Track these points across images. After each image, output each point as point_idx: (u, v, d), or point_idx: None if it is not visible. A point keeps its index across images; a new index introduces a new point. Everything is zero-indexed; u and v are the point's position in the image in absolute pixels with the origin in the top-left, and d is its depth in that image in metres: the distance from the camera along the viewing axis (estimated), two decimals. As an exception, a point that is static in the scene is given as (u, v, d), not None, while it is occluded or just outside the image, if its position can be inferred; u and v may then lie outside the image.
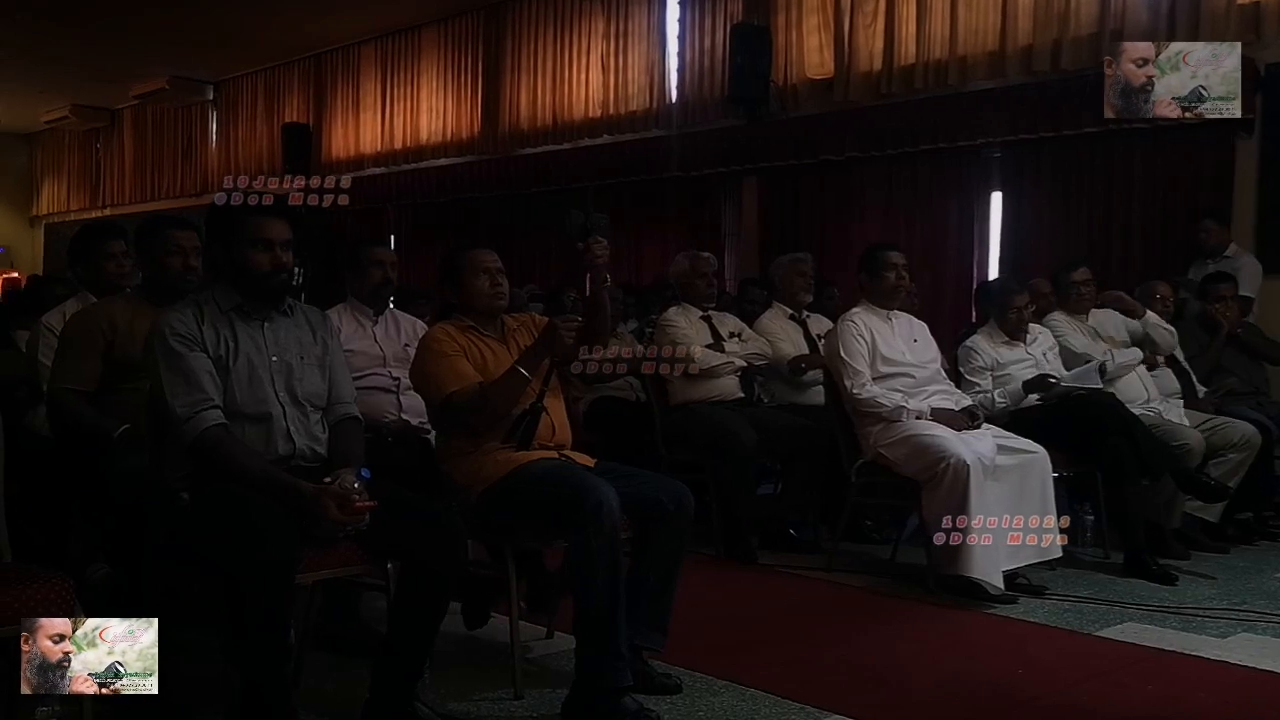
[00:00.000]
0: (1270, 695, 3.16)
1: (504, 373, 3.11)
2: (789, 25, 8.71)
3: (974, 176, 7.98)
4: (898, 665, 3.40)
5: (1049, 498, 4.27)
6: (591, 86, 10.16)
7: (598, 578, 2.84)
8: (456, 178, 11.20)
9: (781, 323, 5.51)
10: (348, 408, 2.95)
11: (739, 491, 4.82)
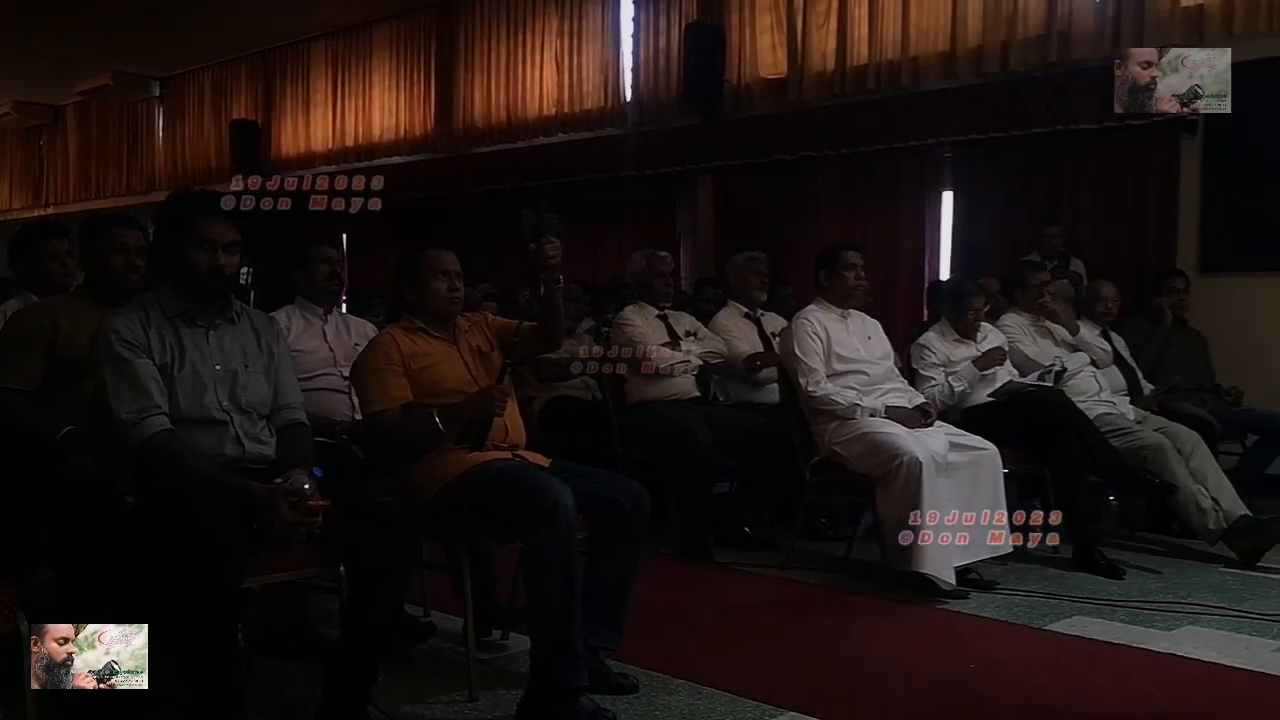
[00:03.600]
0: (1214, 687, 3.22)
1: (422, 417, 3.06)
2: (742, 25, 8.74)
3: (926, 176, 8.06)
4: (852, 661, 3.42)
5: (1000, 494, 4.32)
6: (546, 85, 10.14)
7: (553, 578, 2.83)
8: (409, 176, 11.10)
9: (737, 321, 5.53)
10: (295, 412, 2.93)
11: (695, 490, 4.82)
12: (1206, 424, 5.21)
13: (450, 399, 3.12)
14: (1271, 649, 3.51)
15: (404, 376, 3.15)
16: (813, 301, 4.69)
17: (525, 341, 3.33)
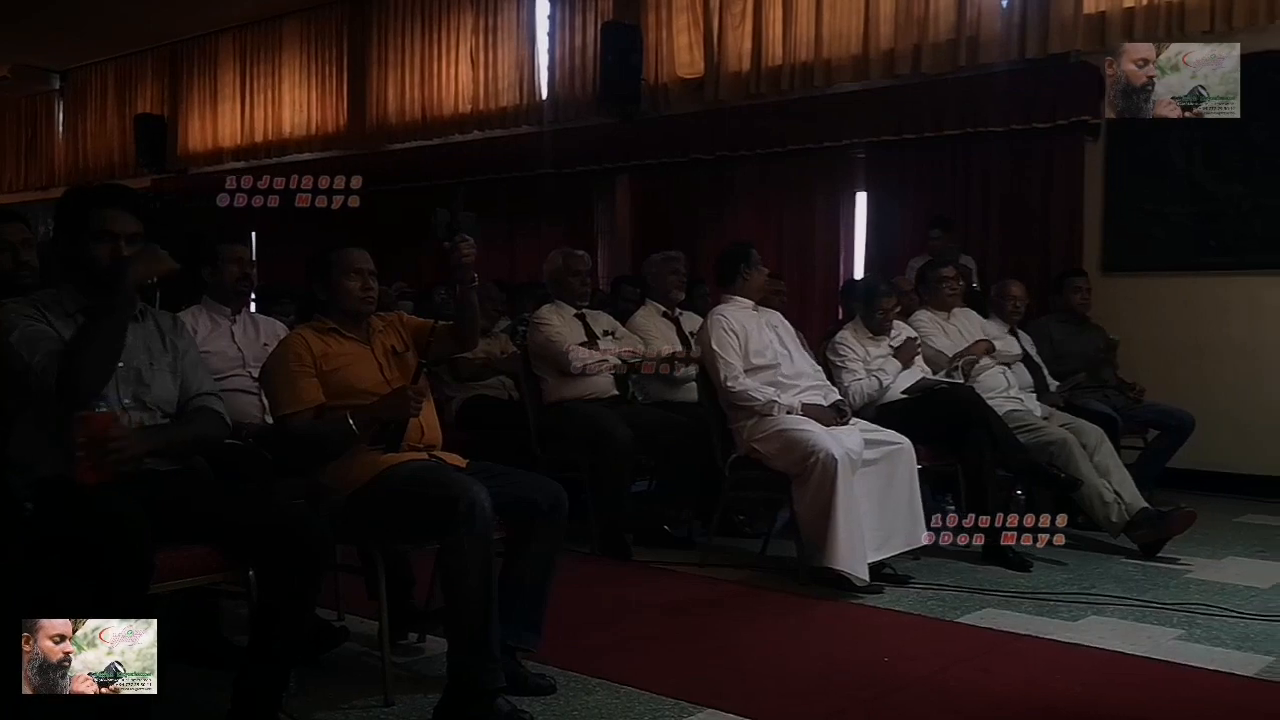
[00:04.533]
0: (1117, 674, 3.31)
1: (335, 418, 3.02)
2: (659, 24, 8.77)
3: (840, 176, 8.17)
4: (769, 657, 3.45)
5: (914, 489, 4.40)
6: (461, 82, 10.06)
7: (470, 579, 2.80)
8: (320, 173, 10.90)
9: (655, 320, 5.54)
10: (205, 399, 2.88)
11: (614, 489, 4.82)
12: (1110, 420, 5.36)
13: (364, 400, 3.07)
14: (1171, 637, 3.62)
15: (315, 378, 3.09)
16: (721, 300, 4.71)
17: (441, 341, 3.29)
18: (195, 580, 2.70)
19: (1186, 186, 6.61)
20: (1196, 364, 6.47)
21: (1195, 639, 3.60)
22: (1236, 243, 6.46)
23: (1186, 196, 6.61)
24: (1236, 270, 6.49)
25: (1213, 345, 6.51)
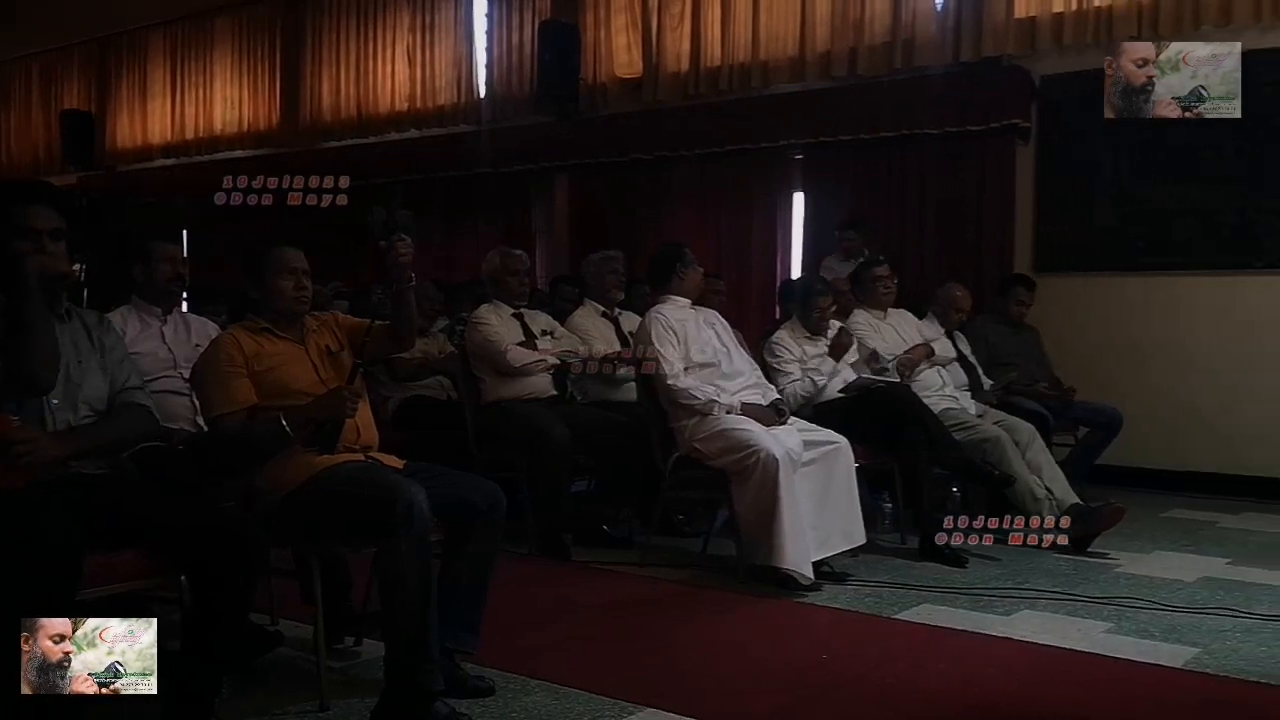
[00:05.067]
0: (1049, 667, 3.36)
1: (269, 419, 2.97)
2: (597, 24, 8.76)
3: (777, 177, 8.23)
4: (708, 656, 3.46)
5: (852, 488, 4.44)
6: (397, 79, 9.97)
7: (407, 581, 2.77)
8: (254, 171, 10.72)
9: (594, 320, 5.53)
10: (132, 394, 2.85)
11: (552, 489, 4.80)
12: (1041, 417, 5.47)
13: (298, 401, 3.02)
14: (1101, 630, 3.69)
15: (248, 378, 3.04)
16: (659, 300, 4.72)
17: (377, 341, 3.25)
18: (127, 585, 2.64)
19: (1114, 189, 6.75)
20: (1125, 363, 6.61)
21: (1124, 632, 3.68)
22: (1163, 244, 6.61)
23: (1114, 199, 6.75)
24: (1163, 271, 6.63)
25: (1140, 344, 6.65)
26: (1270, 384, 6.29)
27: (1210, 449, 6.42)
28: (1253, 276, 6.37)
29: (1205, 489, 6.27)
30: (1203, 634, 3.64)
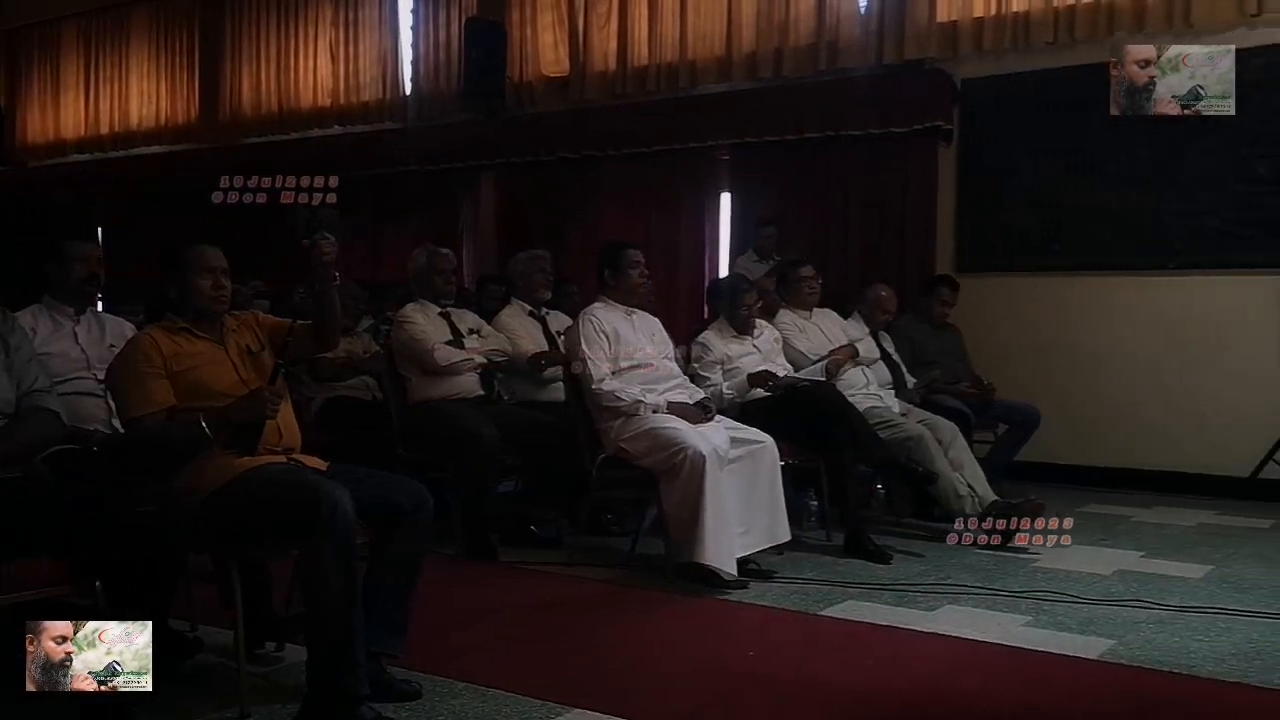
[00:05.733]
0: (970, 661, 3.42)
1: (188, 421, 2.91)
2: (524, 22, 8.73)
3: (704, 177, 8.27)
4: (637, 655, 3.46)
5: (778, 485, 4.47)
6: (320, 75, 9.84)
7: (331, 585, 2.72)
8: (172, 166, 10.53)
9: (521, 319, 5.50)
10: (39, 397, 2.78)
11: (479, 489, 4.77)
12: (963, 416, 5.57)
13: (218, 402, 2.96)
14: (1021, 624, 3.77)
15: (166, 379, 2.97)
16: (597, 299, 4.72)
17: (299, 341, 3.20)
18: (40, 593, 2.57)
19: (1033, 191, 6.91)
20: (1043, 361, 6.76)
21: (1042, 625, 3.75)
22: (1080, 245, 6.78)
23: (1033, 201, 6.90)
24: (1080, 271, 6.80)
25: (1058, 343, 6.81)
26: (1180, 382, 6.48)
27: (1124, 445, 6.60)
28: (1165, 277, 6.56)
29: (1119, 484, 6.44)
30: (1117, 626, 3.73)
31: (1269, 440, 5.98)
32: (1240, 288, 6.36)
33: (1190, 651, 3.46)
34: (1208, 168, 6.39)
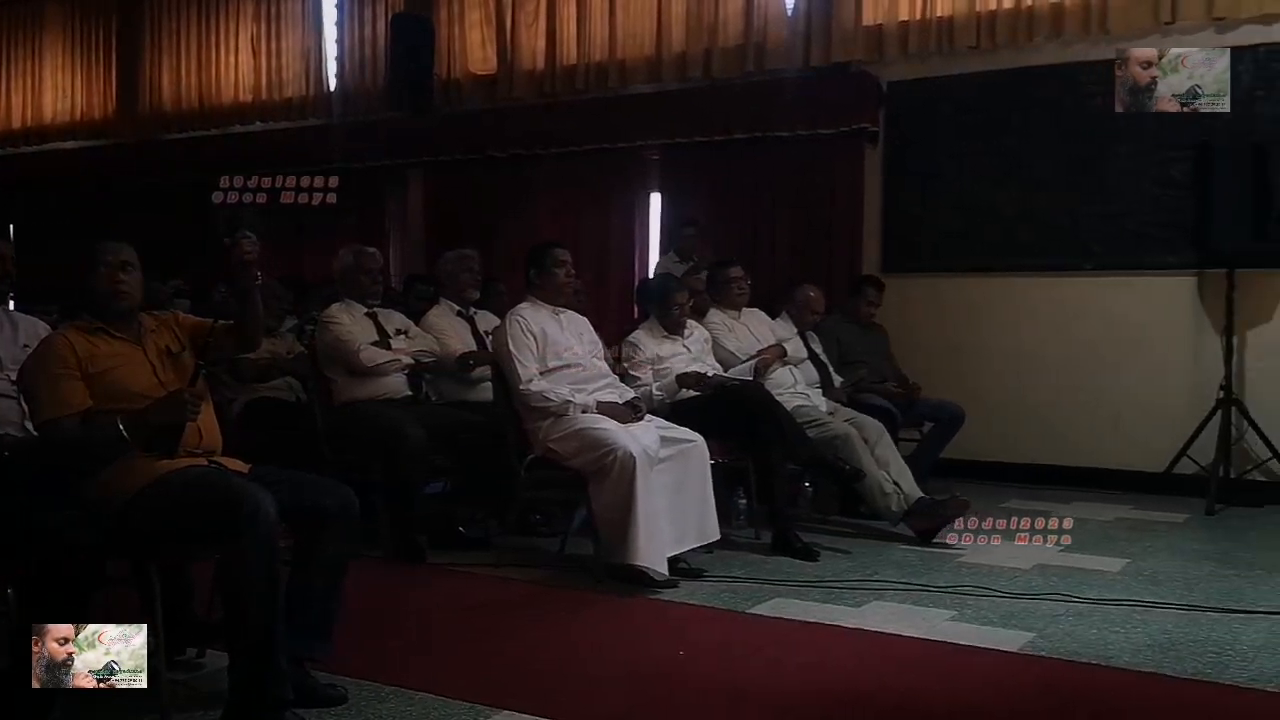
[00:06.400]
0: (896, 656, 3.47)
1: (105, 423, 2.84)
2: (451, 19, 8.66)
3: (635, 177, 8.27)
4: (566, 656, 3.45)
5: (708, 484, 4.49)
6: (242, 70, 9.66)
7: (254, 590, 2.68)
8: (88, 162, 10.27)
9: (449, 319, 5.45)
10: None
11: (407, 490, 4.72)
12: (889, 414, 5.64)
13: (136, 403, 2.89)
14: (945, 618, 3.83)
15: (81, 381, 2.89)
16: (525, 299, 4.70)
17: (220, 341, 3.14)
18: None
19: (956, 193, 7.02)
20: (967, 361, 6.88)
21: (966, 619, 3.82)
22: (1002, 247, 6.90)
23: (956, 203, 7.02)
24: (1002, 272, 6.93)
25: (981, 343, 6.93)
26: (1098, 380, 6.64)
27: (1045, 442, 6.74)
28: (1082, 277, 6.71)
29: (1041, 480, 6.57)
30: (1038, 619, 3.81)
31: (1183, 436, 6.14)
32: (1155, 288, 6.53)
33: (1108, 643, 3.55)
34: (1125, 171, 6.55)
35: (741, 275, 5.72)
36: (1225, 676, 3.23)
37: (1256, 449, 6.09)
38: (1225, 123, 6.06)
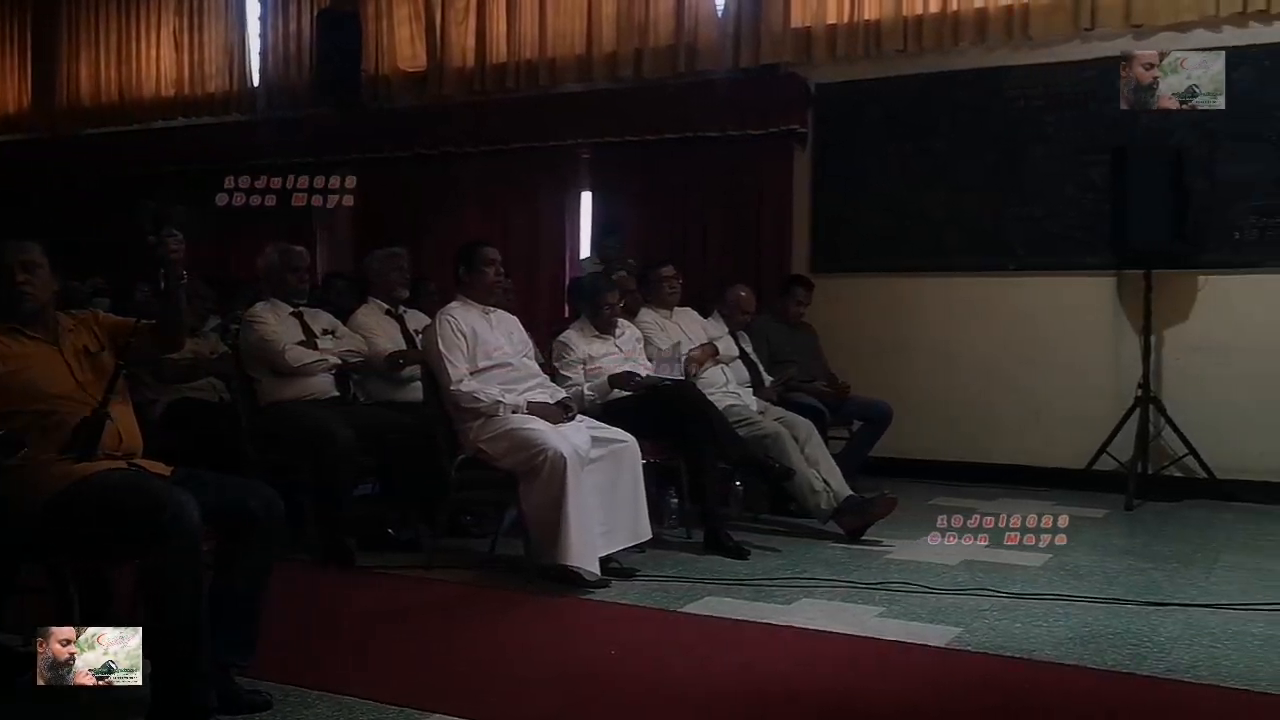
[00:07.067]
0: (826, 652, 3.50)
1: None
2: (379, 14, 8.56)
3: (566, 175, 8.25)
4: (498, 657, 3.43)
5: (639, 484, 4.49)
6: (164, 64, 9.45)
7: (176, 595, 2.62)
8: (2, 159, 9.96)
9: (377, 319, 5.39)
10: None
11: (335, 493, 4.65)
12: (818, 413, 5.70)
13: (50, 405, 2.82)
14: (873, 615, 3.87)
15: None
16: (454, 299, 4.66)
17: (142, 341, 3.07)
18: None
19: (883, 194, 7.11)
20: (894, 360, 6.97)
21: (894, 615, 3.87)
22: (928, 247, 7.01)
23: (883, 204, 7.11)
24: (928, 273, 7.03)
25: (908, 342, 7.03)
26: (1021, 379, 6.77)
27: (970, 440, 6.85)
28: (1005, 278, 6.84)
29: (965, 477, 6.68)
30: (965, 614, 3.87)
31: (1103, 434, 6.29)
32: (1076, 288, 6.68)
33: (1031, 637, 3.62)
34: (1046, 174, 6.69)
35: (673, 274, 5.74)
36: (1144, 668, 3.32)
37: (1173, 446, 6.26)
38: (1142, 128, 6.24)
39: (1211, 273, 6.31)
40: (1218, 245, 6.27)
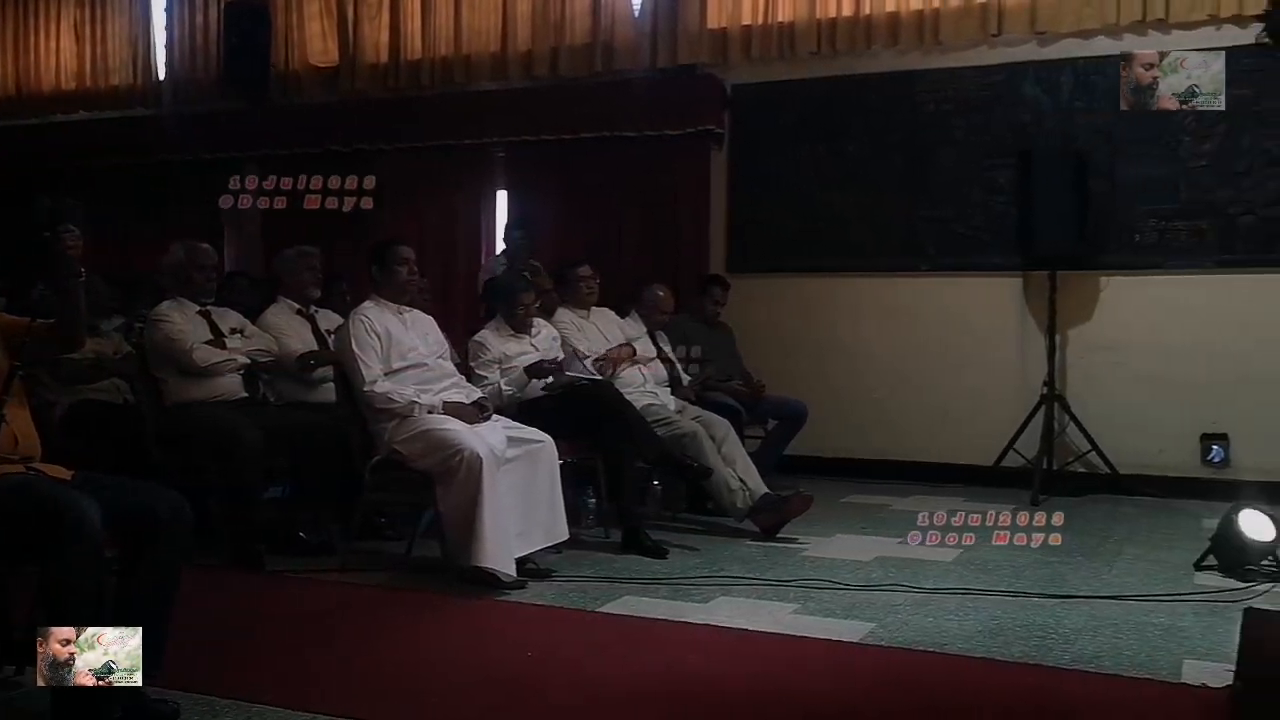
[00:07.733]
0: (743, 649, 3.53)
1: None
2: (289, 8, 8.41)
3: (481, 174, 8.18)
4: (414, 661, 3.38)
5: (556, 484, 4.48)
6: (63, 56, 9.15)
7: (78, 602, 2.55)
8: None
9: (288, 318, 5.29)
10: None
11: (244, 495, 4.56)
12: (735, 412, 5.74)
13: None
14: (789, 611, 3.91)
15: None
16: (368, 298, 4.59)
17: (39, 341, 2.96)
18: None
19: (798, 195, 7.19)
20: (809, 359, 7.04)
21: (810, 612, 3.91)
22: (841, 247, 7.10)
23: (798, 204, 7.18)
24: (841, 273, 7.13)
25: (822, 341, 7.11)
26: (931, 377, 6.90)
27: (883, 438, 6.96)
28: (917, 278, 6.97)
29: (878, 474, 6.78)
30: (878, 609, 3.93)
31: (1010, 431, 6.43)
32: (984, 288, 6.82)
33: (943, 631, 3.68)
34: (955, 178, 6.83)
35: (590, 274, 5.73)
36: (1049, 659, 3.40)
37: (1077, 442, 6.44)
38: (1046, 132, 6.40)
39: (1113, 274, 6.50)
40: (1118, 247, 6.46)
